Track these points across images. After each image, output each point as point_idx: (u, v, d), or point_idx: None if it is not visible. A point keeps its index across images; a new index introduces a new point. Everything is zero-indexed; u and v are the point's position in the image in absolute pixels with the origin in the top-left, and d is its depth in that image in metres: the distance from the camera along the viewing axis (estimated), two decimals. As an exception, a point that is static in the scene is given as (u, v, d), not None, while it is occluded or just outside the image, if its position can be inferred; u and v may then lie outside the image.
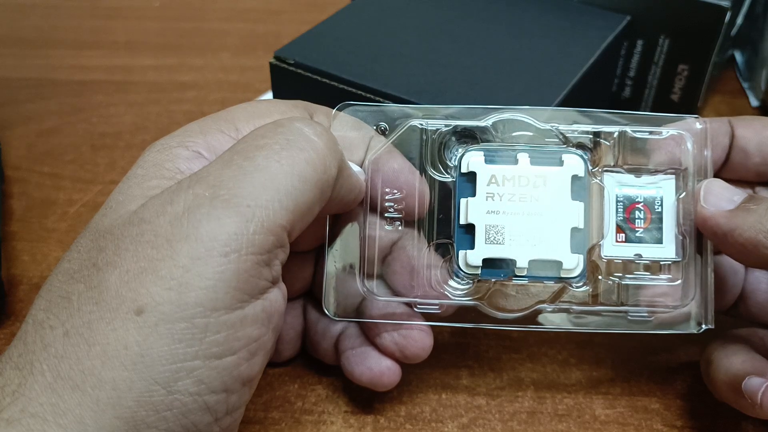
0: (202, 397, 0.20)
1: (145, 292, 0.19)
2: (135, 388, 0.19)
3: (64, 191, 0.41)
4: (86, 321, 0.19)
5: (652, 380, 0.31)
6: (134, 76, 0.50)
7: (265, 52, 0.53)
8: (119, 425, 0.19)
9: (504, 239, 0.26)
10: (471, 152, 0.26)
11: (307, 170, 0.22)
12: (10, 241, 0.37)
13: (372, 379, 0.28)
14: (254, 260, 0.20)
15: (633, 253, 0.26)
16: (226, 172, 0.21)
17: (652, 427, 0.29)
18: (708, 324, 0.26)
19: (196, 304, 0.19)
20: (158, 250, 0.20)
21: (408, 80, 0.33)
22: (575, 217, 0.26)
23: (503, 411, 0.29)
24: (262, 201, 0.21)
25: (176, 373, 0.19)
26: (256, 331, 0.21)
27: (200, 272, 0.20)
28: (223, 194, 0.20)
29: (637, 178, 0.27)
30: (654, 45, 0.41)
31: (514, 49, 0.36)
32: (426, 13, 0.39)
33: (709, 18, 0.39)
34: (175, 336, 0.19)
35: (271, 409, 0.29)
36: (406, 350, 0.27)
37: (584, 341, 0.32)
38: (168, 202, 0.21)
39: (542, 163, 0.26)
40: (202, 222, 0.20)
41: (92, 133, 0.45)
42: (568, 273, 0.26)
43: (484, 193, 0.26)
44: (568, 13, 0.39)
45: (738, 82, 0.50)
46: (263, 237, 0.20)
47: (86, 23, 0.57)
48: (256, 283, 0.21)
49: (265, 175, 0.21)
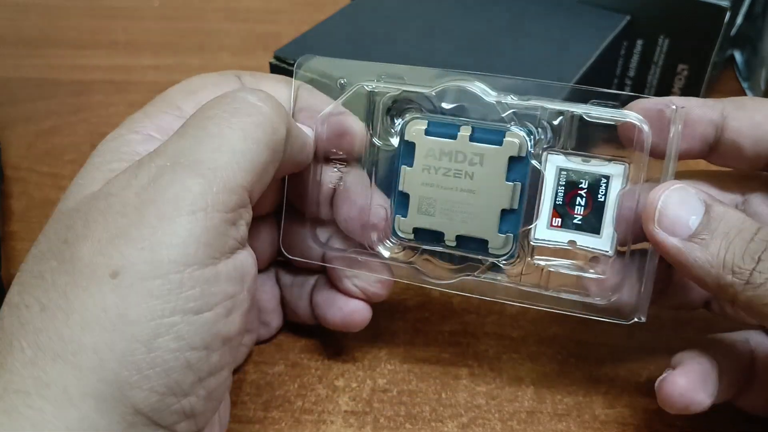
0: (183, 354, 0.20)
1: (119, 255, 0.20)
2: (116, 348, 0.19)
3: (63, 191, 0.40)
4: (62, 293, 0.20)
5: (652, 380, 0.30)
6: (134, 76, 0.50)
7: (265, 52, 0.53)
8: (103, 389, 0.19)
9: (435, 212, 0.26)
10: (415, 121, 0.26)
11: (258, 132, 0.23)
12: (10, 241, 0.37)
13: (344, 318, 0.29)
14: (220, 218, 0.21)
15: (567, 239, 0.26)
16: (183, 142, 0.22)
17: (652, 427, 0.29)
18: (640, 317, 0.25)
19: (169, 261, 0.20)
20: (127, 217, 0.21)
21: (408, 80, 0.33)
22: (507, 198, 0.26)
23: (503, 411, 0.29)
24: (221, 163, 0.22)
25: (156, 330, 0.20)
26: (230, 288, 0.22)
27: (170, 230, 0.20)
28: (183, 161, 0.21)
29: (585, 163, 0.25)
30: (654, 45, 0.41)
31: (514, 48, 0.36)
32: (426, 13, 0.39)
33: (709, 18, 0.39)
34: (152, 293, 0.20)
35: (271, 409, 0.29)
36: (367, 291, 0.29)
37: (584, 341, 0.32)
38: (132, 176, 0.22)
39: (482, 141, 0.25)
40: (167, 186, 0.21)
41: (92, 133, 0.45)
42: (495, 251, 0.26)
43: (421, 165, 0.26)
44: (568, 13, 0.39)
45: (738, 82, 0.50)
46: (226, 196, 0.21)
47: (86, 23, 0.57)
48: (225, 241, 0.21)
49: (220, 140, 0.22)
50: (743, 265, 0.22)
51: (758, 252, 0.22)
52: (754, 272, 0.22)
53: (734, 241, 0.22)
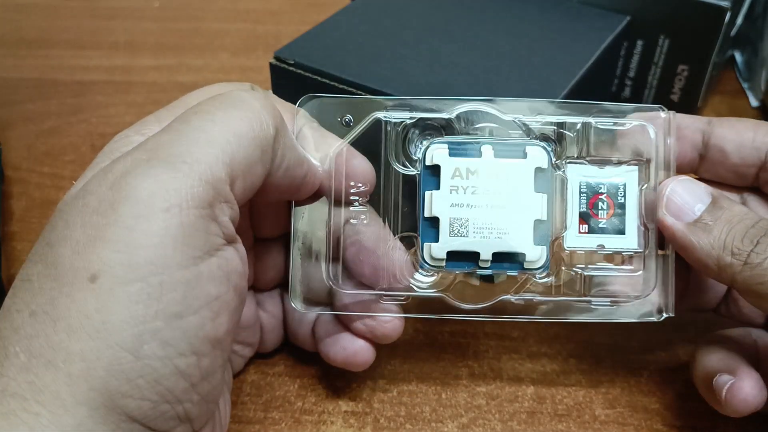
0: (171, 361, 0.20)
1: (96, 258, 0.19)
2: (103, 356, 0.19)
3: (64, 191, 0.40)
4: (48, 298, 0.19)
5: (652, 380, 0.31)
6: (134, 76, 0.50)
7: (265, 52, 0.53)
8: (94, 397, 0.19)
9: (468, 232, 0.26)
10: (435, 145, 0.27)
11: (242, 126, 0.22)
12: (10, 241, 0.37)
13: (346, 358, 0.28)
14: (197, 214, 0.20)
15: (596, 243, 0.27)
16: (164, 136, 0.22)
17: (652, 427, 0.29)
18: (668, 312, 0.26)
19: (146, 263, 0.19)
20: (103, 215, 0.20)
21: (408, 80, 0.33)
22: (538, 209, 0.26)
23: (503, 411, 0.29)
24: (198, 156, 0.21)
25: (140, 336, 0.19)
26: (214, 289, 0.21)
27: (145, 230, 0.20)
28: (160, 154, 0.21)
29: (601, 169, 0.27)
30: (654, 45, 0.41)
31: (514, 49, 0.36)
32: (426, 13, 0.39)
33: (709, 18, 0.39)
34: (132, 298, 0.19)
35: (271, 409, 0.29)
36: (376, 331, 0.28)
37: (584, 341, 0.32)
38: (108, 170, 0.21)
39: (506, 156, 0.26)
40: (140, 181, 0.20)
41: (92, 133, 0.45)
42: (531, 265, 0.26)
43: (448, 186, 0.26)
44: (568, 13, 0.39)
45: (738, 83, 0.50)
46: (203, 189, 0.21)
47: (86, 23, 0.57)
48: (206, 238, 0.21)
49: (200, 133, 0.22)
50: (742, 246, 0.24)
51: (757, 236, 0.24)
52: (752, 253, 0.23)
53: (735, 227, 0.24)
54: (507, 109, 0.27)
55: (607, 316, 0.27)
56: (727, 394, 0.25)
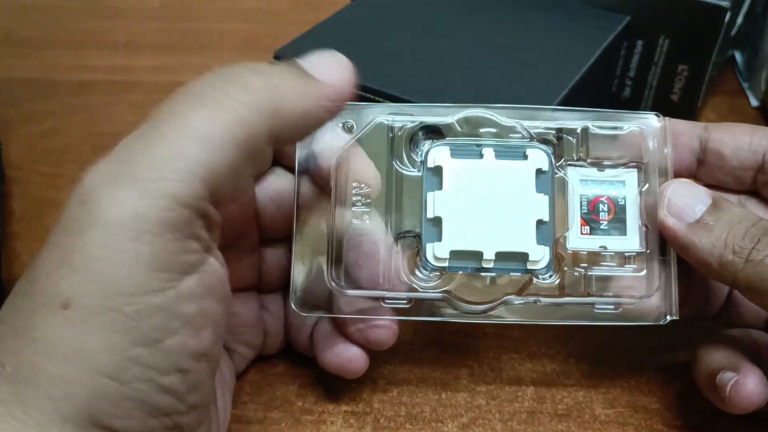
0: (156, 382, 0.19)
1: (66, 285, 0.19)
2: (85, 383, 0.18)
3: (64, 191, 0.40)
4: (26, 317, 0.19)
5: (652, 380, 0.31)
6: (134, 76, 0.50)
7: (265, 52, 0.53)
8: (78, 416, 0.19)
9: (471, 232, 0.26)
10: (437, 147, 0.27)
11: (217, 131, 0.20)
12: (10, 241, 0.37)
13: (340, 365, 0.28)
14: (171, 238, 0.19)
15: (598, 245, 0.27)
16: (134, 145, 0.20)
17: (652, 427, 0.29)
18: (672, 315, 0.26)
19: (119, 293, 0.19)
20: (72, 237, 0.19)
21: (408, 80, 0.33)
22: (540, 210, 0.26)
23: (503, 411, 0.29)
24: (169, 174, 0.19)
25: (122, 364, 0.19)
26: (194, 306, 0.20)
27: (114, 260, 0.19)
28: (128, 170, 0.19)
29: (600, 171, 0.27)
30: (654, 45, 0.41)
31: (514, 49, 0.36)
32: (426, 13, 0.39)
33: (709, 18, 0.39)
34: (107, 327, 0.19)
35: (271, 409, 0.29)
36: (370, 337, 0.27)
37: (584, 341, 0.32)
38: (80, 183, 0.20)
39: (507, 157, 0.27)
40: (107, 204, 0.19)
41: (92, 133, 0.45)
42: (535, 265, 0.26)
43: (450, 187, 0.26)
44: (568, 13, 0.39)
45: (738, 82, 0.50)
46: (177, 213, 0.19)
47: (86, 23, 0.57)
48: (183, 259, 0.20)
49: (171, 144, 0.20)
50: (743, 244, 0.24)
51: (758, 235, 0.24)
52: (753, 250, 0.23)
53: (736, 227, 0.24)
54: (507, 115, 0.27)
55: (610, 320, 0.26)
56: (731, 391, 0.25)
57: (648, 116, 0.27)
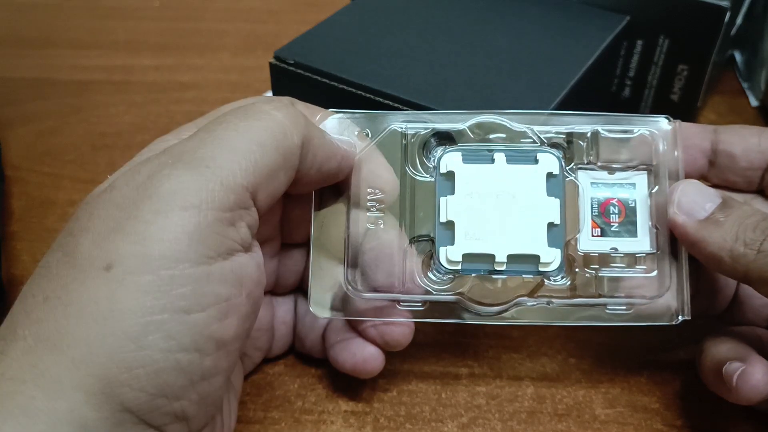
0: (173, 355, 0.20)
1: (113, 248, 0.20)
2: (106, 343, 0.19)
3: (64, 191, 0.41)
4: (62, 284, 0.20)
5: (652, 380, 0.31)
6: (134, 76, 0.50)
7: (265, 52, 0.53)
8: (92, 383, 0.19)
9: (483, 235, 0.27)
10: (449, 153, 0.27)
11: (264, 136, 0.23)
12: (10, 241, 0.37)
13: (355, 365, 0.28)
14: (215, 216, 0.21)
15: (609, 246, 0.27)
16: (189, 143, 0.23)
17: (652, 427, 0.29)
18: (685, 315, 0.26)
19: (160, 256, 0.20)
20: (124, 210, 0.21)
21: (408, 80, 0.33)
22: (551, 213, 0.27)
23: (503, 411, 0.29)
24: (221, 162, 0.22)
25: (146, 327, 0.20)
26: (224, 291, 0.21)
27: (162, 225, 0.20)
28: (184, 158, 0.22)
29: (611, 174, 0.27)
30: (654, 45, 0.41)
31: (514, 49, 0.36)
32: (426, 13, 0.39)
33: (709, 18, 0.39)
34: (141, 288, 0.20)
35: (271, 409, 0.29)
36: (386, 336, 0.28)
37: (584, 341, 0.32)
38: (136, 171, 0.22)
39: (518, 162, 0.27)
40: (163, 181, 0.21)
41: (92, 133, 0.45)
42: (546, 267, 0.27)
43: (462, 192, 0.27)
44: (568, 13, 0.39)
45: (738, 82, 0.50)
46: (223, 194, 0.21)
47: (86, 23, 0.57)
48: (221, 241, 0.21)
49: (224, 141, 0.22)
50: (754, 236, 0.24)
51: None
52: (765, 242, 0.24)
53: (746, 221, 0.24)
54: (518, 121, 0.28)
55: (622, 320, 0.27)
56: (738, 381, 0.25)
57: (658, 119, 0.28)
